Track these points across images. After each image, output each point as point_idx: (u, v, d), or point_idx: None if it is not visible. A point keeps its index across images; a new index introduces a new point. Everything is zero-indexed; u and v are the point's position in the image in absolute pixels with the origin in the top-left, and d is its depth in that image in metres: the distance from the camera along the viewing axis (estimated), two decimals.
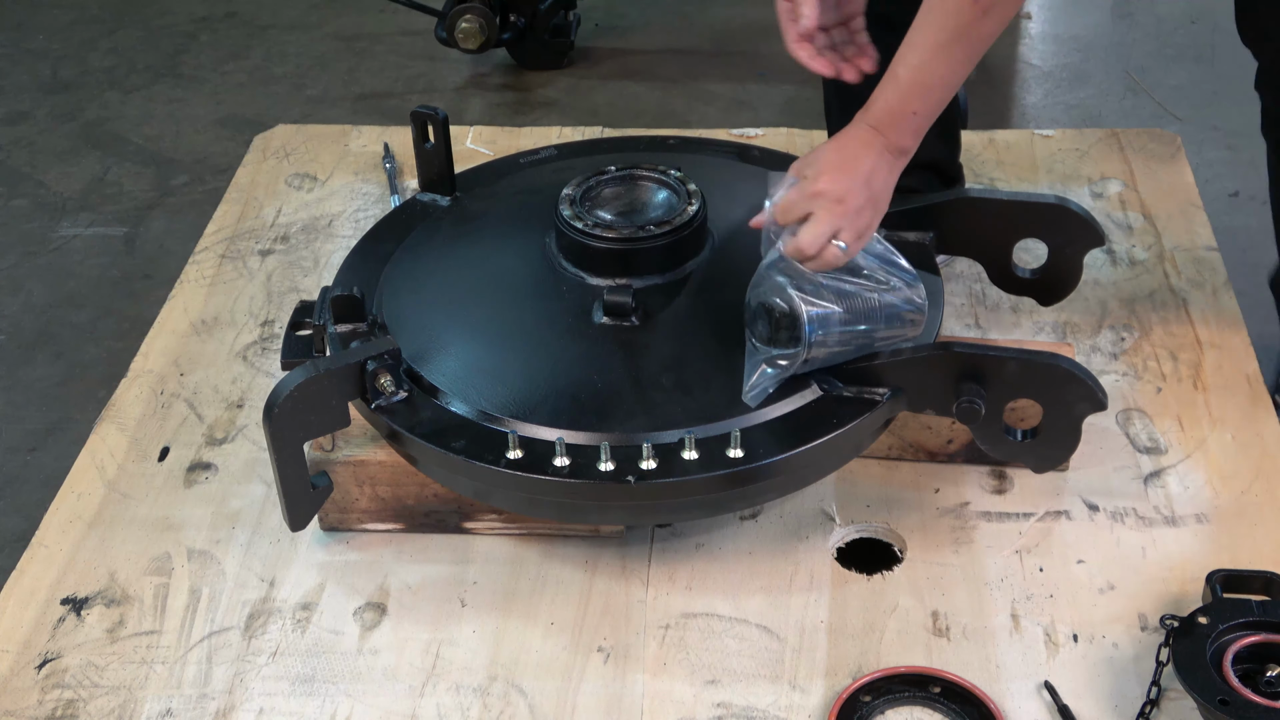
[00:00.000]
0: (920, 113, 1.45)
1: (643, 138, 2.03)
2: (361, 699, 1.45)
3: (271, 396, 1.46)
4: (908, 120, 1.45)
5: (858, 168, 1.45)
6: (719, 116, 2.89)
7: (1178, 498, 1.63)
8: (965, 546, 1.59)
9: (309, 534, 1.62)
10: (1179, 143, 2.24)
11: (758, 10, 3.33)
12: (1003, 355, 1.49)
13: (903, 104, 1.44)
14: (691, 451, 1.45)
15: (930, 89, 1.44)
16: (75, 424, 2.08)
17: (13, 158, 2.85)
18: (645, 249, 1.63)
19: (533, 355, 1.58)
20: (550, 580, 1.57)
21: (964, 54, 1.43)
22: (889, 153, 1.46)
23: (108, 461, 1.75)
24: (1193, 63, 2.99)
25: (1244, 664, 1.37)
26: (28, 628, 1.54)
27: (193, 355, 1.91)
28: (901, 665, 1.44)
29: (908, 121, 1.45)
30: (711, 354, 1.57)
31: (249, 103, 3.03)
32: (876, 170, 1.45)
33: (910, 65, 1.44)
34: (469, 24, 2.88)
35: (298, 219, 2.18)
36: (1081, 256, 1.74)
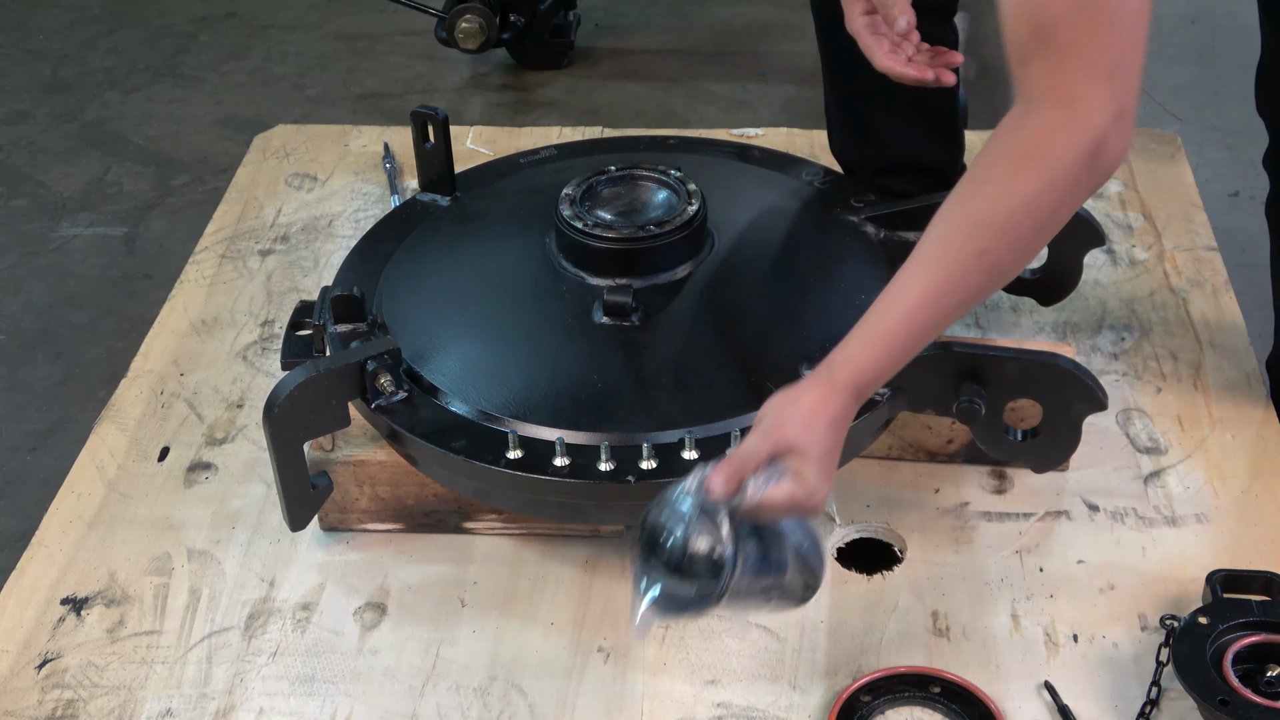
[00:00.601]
0: (901, 361, 1.30)
1: (643, 138, 2.03)
2: (361, 699, 1.45)
3: (271, 396, 1.46)
4: (885, 372, 1.30)
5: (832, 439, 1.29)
6: (719, 116, 2.89)
7: (1178, 498, 1.63)
8: (965, 546, 1.59)
9: (309, 534, 1.62)
10: (1179, 143, 2.24)
11: (758, 10, 3.33)
12: (1003, 355, 1.49)
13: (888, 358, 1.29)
14: (691, 451, 1.45)
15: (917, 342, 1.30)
16: (75, 424, 2.08)
17: (13, 158, 2.85)
18: (645, 249, 1.63)
19: (533, 355, 1.58)
20: (550, 580, 1.57)
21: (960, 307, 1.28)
22: (854, 403, 1.30)
23: (108, 461, 1.75)
24: (1193, 63, 2.99)
25: (1244, 664, 1.37)
26: (28, 628, 1.54)
27: (193, 355, 1.91)
28: (901, 665, 1.44)
29: (885, 373, 1.30)
30: (711, 354, 1.57)
31: (249, 103, 3.03)
32: (840, 420, 1.29)
33: (904, 312, 1.28)
34: (469, 24, 2.88)
35: (298, 219, 2.18)
36: (1081, 256, 1.74)
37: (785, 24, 3.25)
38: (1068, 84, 1.19)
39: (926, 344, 1.31)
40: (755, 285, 1.67)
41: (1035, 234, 1.25)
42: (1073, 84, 1.19)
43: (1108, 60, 1.18)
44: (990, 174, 1.25)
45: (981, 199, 1.25)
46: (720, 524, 1.27)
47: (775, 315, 1.63)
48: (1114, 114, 1.19)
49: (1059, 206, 1.23)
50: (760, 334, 1.60)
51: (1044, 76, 1.21)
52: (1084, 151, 1.19)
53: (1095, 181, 1.23)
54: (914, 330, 1.28)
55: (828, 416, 1.28)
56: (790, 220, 1.80)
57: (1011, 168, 1.23)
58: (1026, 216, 1.23)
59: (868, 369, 1.29)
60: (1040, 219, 1.24)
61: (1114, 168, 1.23)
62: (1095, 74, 1.18)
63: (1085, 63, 1.18)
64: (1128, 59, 1.20)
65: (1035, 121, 1.22)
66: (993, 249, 1.24)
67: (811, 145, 2.25)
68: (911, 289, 1.28)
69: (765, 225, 1.79)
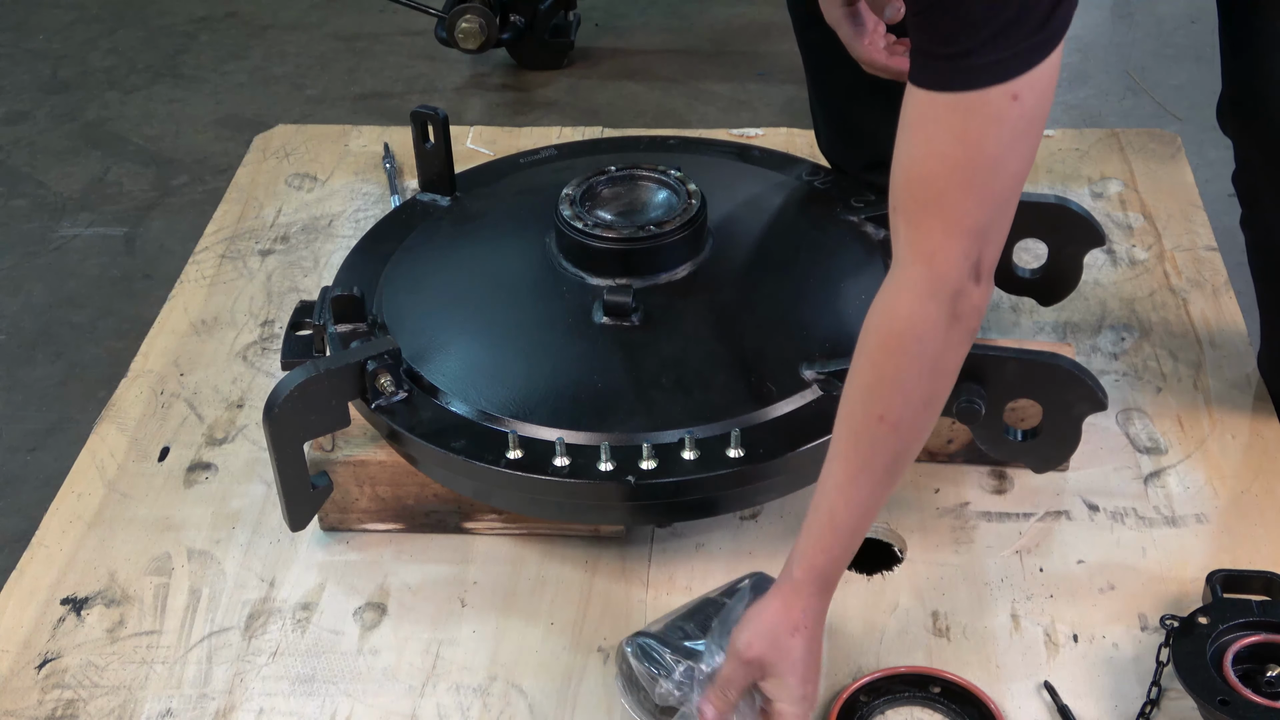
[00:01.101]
0: (854, 547, 1.31)
1: (643, 138, 2.03)
2: (361, 699, 1.45)
3: (271, 396, 1.46)
4: (842, 561, 1.31)
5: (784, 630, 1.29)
6: (719, 116, 2.88)
7: (1178, 498, 1.63)
8: (965, 546, 1.59)
9: (309, 534, 1.62)
10: (1179, 143, 2.24)
11: (758, 10, 3.33)
12: (1003, 355, 1.49)
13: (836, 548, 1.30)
14: (691, 451, 1.45)
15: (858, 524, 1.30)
16: (75, 424, 2.08)
17: (13, 158, 2.85)
18: (645, 249, 1.63)
19: (533, 355, 1.58)
20: (550, 580, 1.57)
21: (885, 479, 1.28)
22: (821, 594, 1.31)
23: (108, 461, 1.75)
24: (1193, 63, 2.99)
25: (1244, 664, 1.37)
26: (28, 628, 1.54)
27: (193, 355, 1.91)
28: (901, 665, 1.44)
29: (842, 563, 1.31)
30: (711, 354, 1.57)
31: (249, 103, 3.03)
32: (806, 621, 1.30)
33: (837, 503, 1.28)
34: (469, 24, 2.88)
35: (298, 219, 2.18)
36: (1081, 256, 1.74)
37: (785, 24, 3.23)
38: (927, 241, 1.19)
39: (875, 513, 1.30)
40: (755, 285, 1.67)
41: (924, 386, 1.24)
42: (931, 241, 1.18)
43: (970, 222, 1.17)
44: (867, 340, 1.25)
45: (865, 366, 1.26)
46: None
47: (775, 315, 1.63)
48: (969, 268, 1.19)
49: (935, 357, 1.22)
50: (760, 334, 1.60)
51: (907, 232, 1.20)
52: (942, 305, 1.19)
53: (963, 330, 1.22)
54: (854, 507, 1.28)
55: (791, 623, 1.29)
56: (790, 220, 1.80)
57: (881, 332, 1.24)
58: (907, 374, 1.23)
59: (821, 559, 1.30)
60: (920, 372, 1.23)
61: (977, 315, 1.22)
62: (954, 233, 1.17)
63: (945, 222, 1.17)
64: (995, 221, 1.19)
65: (897, 280, 1.22)
66: (889, 412, 1.24)
67: (811, 145, 2.24)
68: (835, 469, 1.29)
69: (765, 225, 1.79)
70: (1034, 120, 1.15)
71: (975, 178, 1.16)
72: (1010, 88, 1.12)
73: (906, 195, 1.20)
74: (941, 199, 1.17)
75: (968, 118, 1.14)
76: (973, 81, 1.12)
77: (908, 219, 1.20)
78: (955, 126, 1.14)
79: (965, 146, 1.15)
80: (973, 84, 1.12)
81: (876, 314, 1.24)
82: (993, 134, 1.14)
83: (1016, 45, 1.11)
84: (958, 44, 1.11)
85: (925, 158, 1.17)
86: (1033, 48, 1.11)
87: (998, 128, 1.14)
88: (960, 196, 1.16)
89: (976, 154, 1.15)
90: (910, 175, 1.19)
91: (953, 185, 1.16)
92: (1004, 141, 1.15)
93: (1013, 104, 1.12)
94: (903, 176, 1.20)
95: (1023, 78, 1.12)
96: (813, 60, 1.87)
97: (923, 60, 1.15)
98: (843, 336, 1.58)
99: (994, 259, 1.21)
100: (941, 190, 1.17)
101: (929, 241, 1.19)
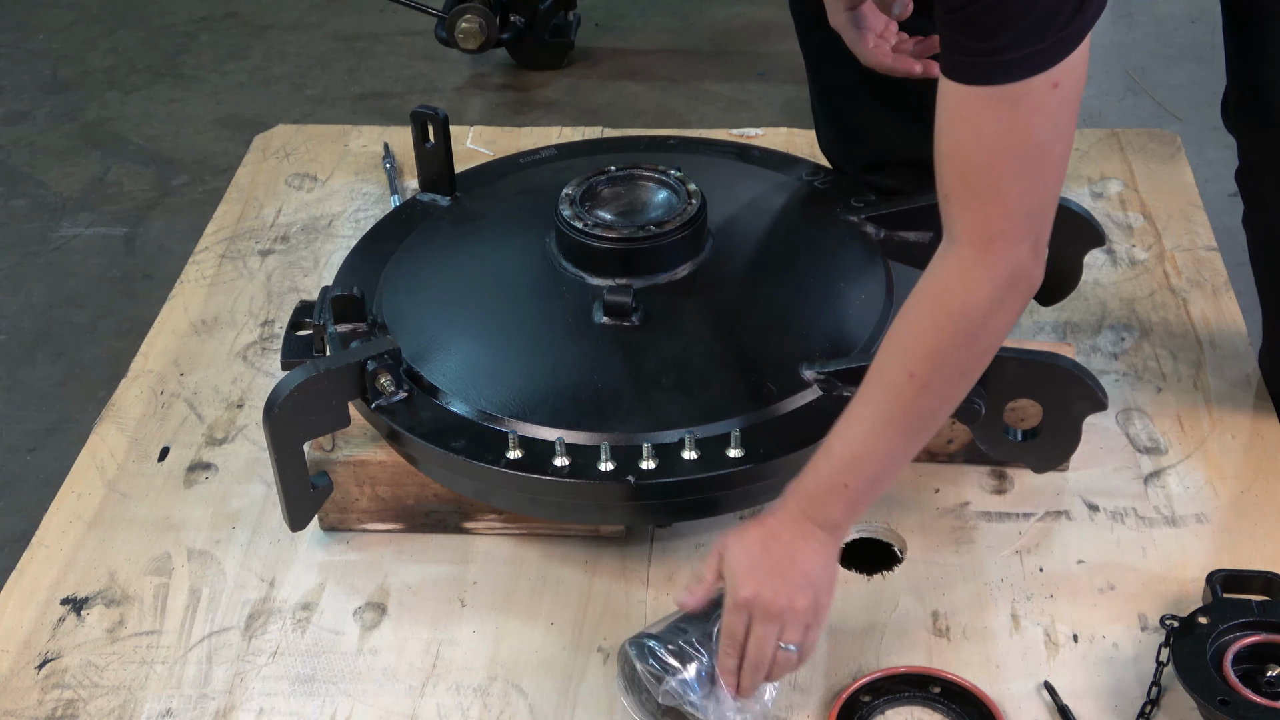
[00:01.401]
0: (853, 486, 1.31)
1: (643, 138, 2.03)
2: (361, 699, 1.45)
3: (271, 396, 1.46)
4: (838, 494, 1.31)
5: (784, 558, 1.31)
6: (719, 116, 2.88)
7: (1178, 498, 1.63)
8: (965, 546, 1.59)
9: (309, 534, 1.62)
10: (1179, 143, 2.24)
11: (758, 10, 3.33)
12: (1003, 355, 1.49)
13: (834, 478, 1.31)
14: (691, 451, 1.45)
15: (863, 464, 1.31)
16: (75, 424, 2.08)
17: (13, 158, 2.85)
18: (645, 249, 1.63)
19: (533, 355, 1.58)
20: (550, 580, 1.57)
21: (902, 431, 1.31)
22: (820, 530, 1.32)
23: (108, 461, 1.75)
24: (1193, 63, 2.99)
25: (1244, 664, 1.37)
26: (28, 628, 1.54)
27: (193, 355, 1.91)
28: (902, 665, 1.44)
29: (838, 495, 1.31)
30: (711, 354, 1.57)
31: (249, 103, 3.03)
32: (804, 555, 1.31)
33: (845, 438, 1.31)
34: (469, 24, 2.88)
35: (298, 219, 2.18)
36: (1081, 256, 1.74)
37: (785, 24, 3.23)
38: (987, 226, 1.24)
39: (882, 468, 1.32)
40: (755, 285, 1.67)
41: (962, 356, 1.29)
42: (991, 226, 1.23)
43: (1026, 205, 1.23)
44: (916, 305, 1.30)
45: (908, 327, 1.30)
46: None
47: (775, 315, 1.63)
48: (1029, 248, 1.25)
49: (980, 332, 1.28)
50: (760, 334, 1.60)
51: (965, 218, 1.25)
52: (1001, 284, 1.25)
53: (1017, 304, 1.28)
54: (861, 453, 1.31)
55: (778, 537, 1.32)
56: (790, 220, 1.80)
57: (933, 300, 1.28)
58: (950, 341, 1.27)
59: (817, 493, 1.32)
60: (966, 345, 1.28)
61: (1033, 290, 1.28)
62: (1013, 217, 1.23)
63: (1004, 207, 1.23)
64: (1046, 201, 1.25)
65: (956, 257, 1.26)
66: (920, 372, 1.28)
67: (811, 145, 2.24)
68: (852, 413, 1.32)
69: (765, 225, 1.79)
70: (1073, 104, 1.20)
71: (1027, 163, 1.21)
72: (1050, 76, 1.16)
73: (961, 185, 1.24)
74: (998, 186, 1.21)
75: (1014, 108, 1.18)
76: (1015, 73, 1.16)
77: (964, 206, 1.24)
78: (1003, 117, 1.19)
79: (1015, 135, 1.19)
80: (1015, 75, 1.16)
81: (931, 290, 1.28)
82: (1038, 121, 1.19)
83: (1053, 35, 1.15)
84: (997, 39, 1.15)
85: (976, 148, 1.21)
86: (1067, 38, 1.16)
87: (1042, 115, 1.19)
88: (1014, 182, 1.21)
89: (1026, 141, 1.20)
90: (963, 166, 1.23)
91: (1008, 172, 1.21)
92: (1049, 127, 1.20)
93: (1053, 92, 1.17)
94: (954, 167, 1.24)
95: (1060, 65, 1.16)
96: (815, 61, 1.87)
97: (959, 56, 1.19)
98: (843, 336, 1.58)
99: (1048, 235, 1.27)
100: (997, 178, 1.21)
101: (990, 226, 1.23)
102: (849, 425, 1.32)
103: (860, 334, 1.58)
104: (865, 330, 1.59)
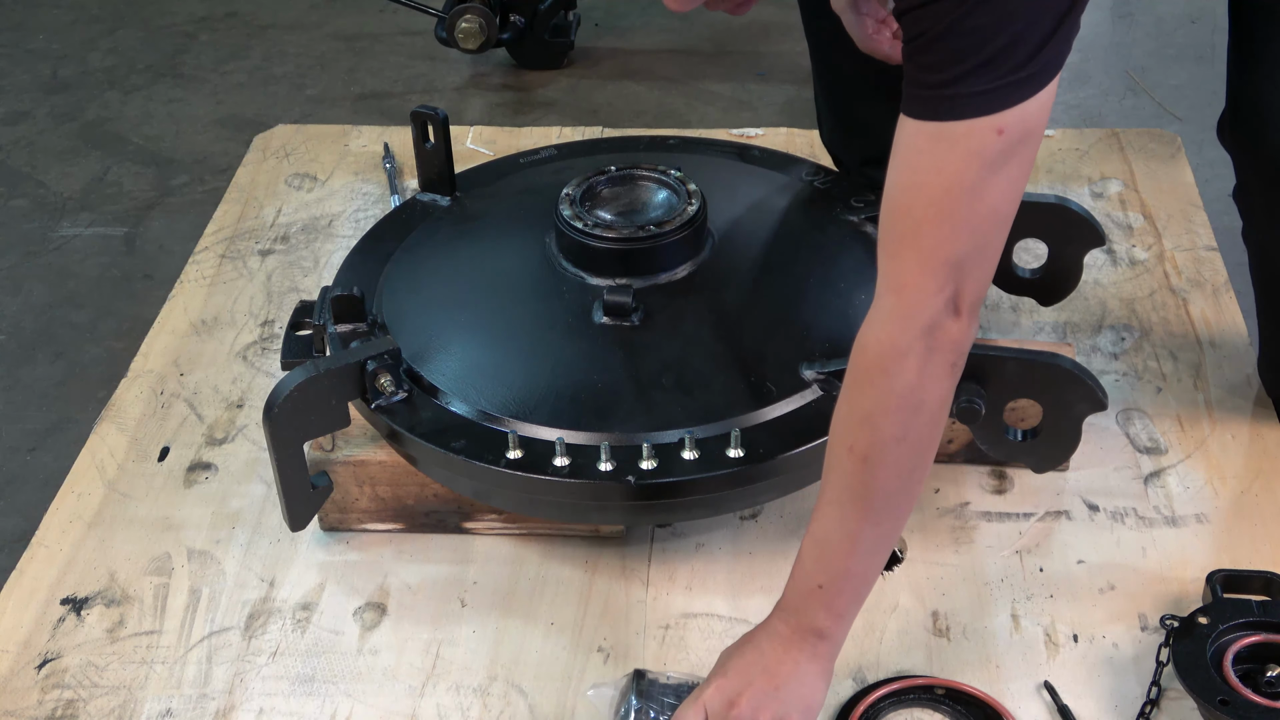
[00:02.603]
0: (827, 585, 1.25)
1: (643, 138, 2.03)
2: (361, 699, 1.45)
3: (271, 396, 1.46)
4: (814, 597, 1.26)
5: (761, 663, 1.28)
6: (719, 116, 2.88)
7: (1178, 498, 1.63)
8: (965, 546, 1.59)
9: (309, 534, 1.62)
10: (1179, 143, 2.24)
11: (758, 10, 3.31)
12: (1003, 355, 1.49)
13: (806, 580, 1.26)
14: (691, 451, 1.45)
15: (831, 557, 1.25)
16: (75, 424, 2.07)
17: (13, 158, 2.84)
18: (645, 249, 1.63)
19: (533, 355, 1.58)
20: (550, 580, 1.57)
21: (859, 513, 1.23)
22: (806, 639, 1.27)
23: (108, 461, 1.75)
24: (1193, 63, 2.98)
25: (1244, 664, 1.37)
26: (28, 628, 1.54)
27: (193, 355, 1.91)
28: (907, 675, 1.43)
29: (814, 598, 1.26)
30: (711, 354, 1.57)
31: (249, 103, 3.02)
32: (787, 665, 1.27)
33: (810, 536, 1.27)
34: (469, 24, 2.88)
35: (298, 219, 2.18)
36: (1081, 256, 1.74)
37: (785, 24, 3.24)
38: (900, 273, 1.17)
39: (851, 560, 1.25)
40: (755, 285, 1.67)
41: (897, 421, 1.20)
42: (904, 273, 1.16)
43: (944, 254, 1.14)
44: (847, 372, 1.24)
45: (842, 397, 1.24)
46: None
47: (775, 315, 1.63)
48: (945, 301, 1.16)
49: (909, 391, 1.19)
50: (760, 334, 1.60)
51: (884, 263, 1.19)
52: (914, 336, 1.17)
53: (941, 365, 1.19)
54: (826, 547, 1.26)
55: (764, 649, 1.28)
56: (790, 220, 1.80)
57: (855, 364, 1.22)
58: (878, 406, 1.20)
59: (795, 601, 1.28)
60: (892, 406, 1.20)
61: (955, 350, 1.19)
62: (927, 264, 1.15)
63: (919, 253, 1.15)
64: (973, 255, 1.16)
65: (874, 309, 1.20)
66: (857, 444, 1.22)
67: (811, 145, 2.25)
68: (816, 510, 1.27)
69: (765, 225, 1.79)
70: (1020, 156, 1.13)
71: (952, 209, 1.13)
72: (996, 121, 1.10)
73: (887, 225, 1.18)
74: (917, 230, 1.15)
75: (950, 148, 1.12)
76: (957, 111, 1.10)
77: (885, 250, 1.19)
78: (937, 157, 1.13)
79: (943, 177, 1.13)
80: (957, 114, 1.10)
81: (855, 349, 1.22)
82: (974, 166, 1.12)
83: (1005, 78, 1.09)
84: (945, 72, 1.10)
85: (906, 188, 1.15)
86: (1021, 81, 1.09)
87: (979, 161, 1.11)
88: (934, 228, 1.14)
89: (954, 185, 1.12)
90: (891, 206, 1.17)
91: (929, 217, 1.14)
92: (984, 175, 1.12)
93: (997, 138, 1.10)
94: (886, 207, 1.18)
95: (1010, 111, 1.10)
96: (819, 51, 1.86)
97: (910, 88, 1.14)
98: (843, 336, 1.58)
99: (977, 293, 1.18)
100: (918, 222, 1.15)
101: (902, 274, 1.17)
102: (814, 522, 1.27)
103: None
104: None
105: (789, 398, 1.51)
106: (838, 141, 1.93)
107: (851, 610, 1.28)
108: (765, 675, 1.27)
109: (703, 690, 1.29)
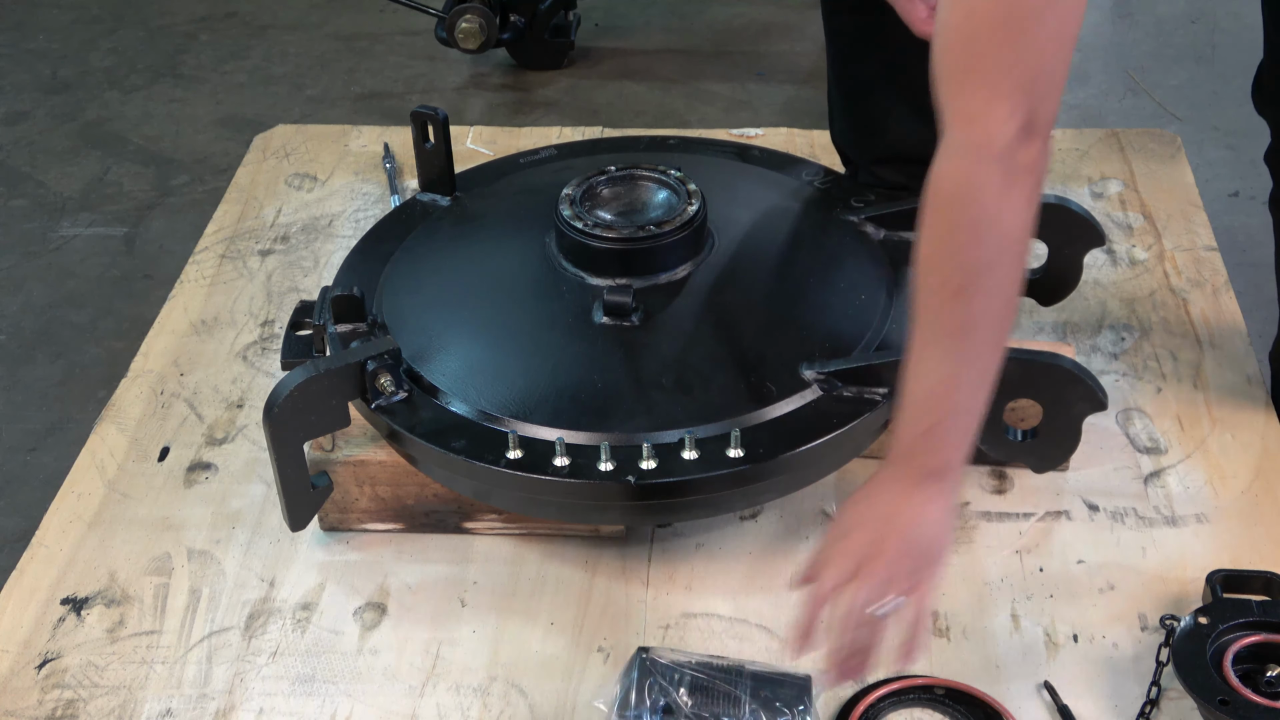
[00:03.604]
0: (935, 427, 1.25)
1: (643, 138, 2.03)
2: (361, 699, 1.45)
3: (271, 396, 1.46)
4: (924, 440, 1.25)
5: (883, 511, 1.27)
6: (719, 116, 2.89)
7: (1178, 498, 1.63)
8: (965, 546, 1.59)
9: (309, 534, 1.62)
10: (1179, 143, 2.24)
11: (758, 10, 3.33)
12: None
13: (916, 423, 1.26)
14: (691, 451, 1.45)
15: (938, 397, 1.25)
16: (75, 424, 2.08)
17: (13, 158, 2.85)
18: (645, 249, 1.63)
19: (533, 355, 1.58)
20: (550, 580, 1.57)
21: (955, 346, 1.23)
22: (924, 483, 1.26)
23: (108, 461, 1.75)
24: (1193, 63, 2.99)
25: (1244, 664, 1.37)
26: (28, 628, 1.54)
27: (193, 355, 1.91)
28: (905, 675, 1.42)
29: (925, 441, 1.25)
30: (711, 354, 1.57)
31: (249, 103, 3.03)
32: (910, 512, 1.26)
33: (912, 377, 1.26)
34: (469, 24, 2.88)
35: (298, 219, 2.18)
36: (1081, 256, 1.74)
37: (785, 24, 3.25)
38: (968, 104, 1.17)
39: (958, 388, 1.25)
40: (755, 285, 1.67)
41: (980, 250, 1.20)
42: (974, 103, 1.16)
43: (1013, 77, 1.15)
44: (923, 209, 1.22)
45: (921, 237, 1.23)
46: None
47: (775, 315, 1.63)
48: (1018, 126, 1.15)
49: (990, 220, 1.18)
50: (760, 334, 1.60)
51: (949, 99, 1.18)
52: (990, 164, 1.16)
53: (1021, 191, 1.18)
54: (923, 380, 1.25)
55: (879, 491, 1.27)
56: (790, 220, 1.80)
57: (932, 196, 1.21)
58: (959, 237, 1.20)
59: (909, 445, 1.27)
60: (973, 236, 1.20)
61: (1034, 177, 1.18)
62: (997, 91, 1.15)
63: (986, 81, 1.15)
64: (1040, 75, 1.16)
65: (944, 147, 1.19)
66: (945, 275, 1.22)
67: (811, 145, 2.25)
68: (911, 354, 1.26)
69: (765, 225, 1.79)
70: None
71: (1017, 30, 1.14)
72: None
73: (947, 61, 1.18)
74: (983, 58, 1.15)
75: None
76: None
77: (948, 85, 1.18)
78: None
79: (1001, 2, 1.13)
80: None
81: (929, 189, 1.21)
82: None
83: None
84: None
85: (964, 21, 1.15)
86: None
87: None
88: (1001, 52, 1.14)
89: (1017, 6, 1.13)
90: (947, 41, 1.17)
91: (994, 42, 1.14)
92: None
93: None
94: (941, 44, 1.18)
95: None
96: (837, 47, 1.85)
97: None
98: (843, 336, 1.58)
99: (1050, 114, 1.17)
100: (983, 50, 1.15)
101: (971, 104, 1.16)
102: (911, 368, 1.25)
103: (860, 334, 1.58)
104: (865, 330, 1.59)
105: (789, 398, 1.51)
106: (848, 138, 1.92)
107: (965, 444, 1.27)
108: (889, 525, 1.26)
109: (828, 555, 1.26)
